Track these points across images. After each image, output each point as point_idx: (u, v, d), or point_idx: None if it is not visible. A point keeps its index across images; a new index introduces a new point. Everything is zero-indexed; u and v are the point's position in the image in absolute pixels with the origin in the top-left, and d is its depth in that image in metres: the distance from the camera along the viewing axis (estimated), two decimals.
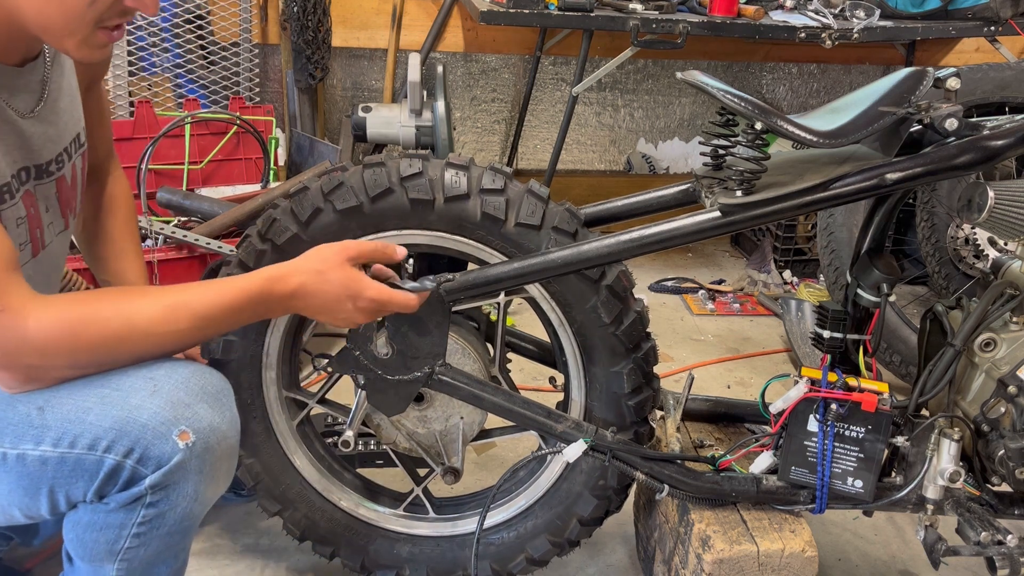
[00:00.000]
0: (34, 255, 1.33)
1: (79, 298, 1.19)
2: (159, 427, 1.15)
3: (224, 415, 1.22)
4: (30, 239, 1.31)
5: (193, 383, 1.21)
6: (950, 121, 1.32)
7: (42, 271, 1.38)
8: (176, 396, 1.18)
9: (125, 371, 1.19)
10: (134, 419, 1.14)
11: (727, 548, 1.43)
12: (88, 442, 1.14)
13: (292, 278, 1.26)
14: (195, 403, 1.19)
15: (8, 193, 1.23)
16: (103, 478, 1.15)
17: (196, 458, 1.17)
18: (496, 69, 3.69)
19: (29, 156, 1.29)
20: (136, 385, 1.18)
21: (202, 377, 1.23)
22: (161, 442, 1.14)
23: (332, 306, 1.27)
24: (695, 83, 1.41)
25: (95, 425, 1.14)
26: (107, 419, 1.14)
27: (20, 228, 1.27)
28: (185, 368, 1.22)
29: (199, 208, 2.50)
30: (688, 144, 4.02)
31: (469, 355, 1.56)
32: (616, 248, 1.39)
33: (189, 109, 3.04)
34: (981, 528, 1.44)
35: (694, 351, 2.89)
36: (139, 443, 1.14)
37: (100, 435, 1.14)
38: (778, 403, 1.46)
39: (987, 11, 3.00)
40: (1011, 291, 1.48)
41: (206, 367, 1.27)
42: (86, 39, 1.16)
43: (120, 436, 1.14)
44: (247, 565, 1.83)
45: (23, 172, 1.27)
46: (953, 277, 2.58)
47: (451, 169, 1.43)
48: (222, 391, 1.25)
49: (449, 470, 1.61)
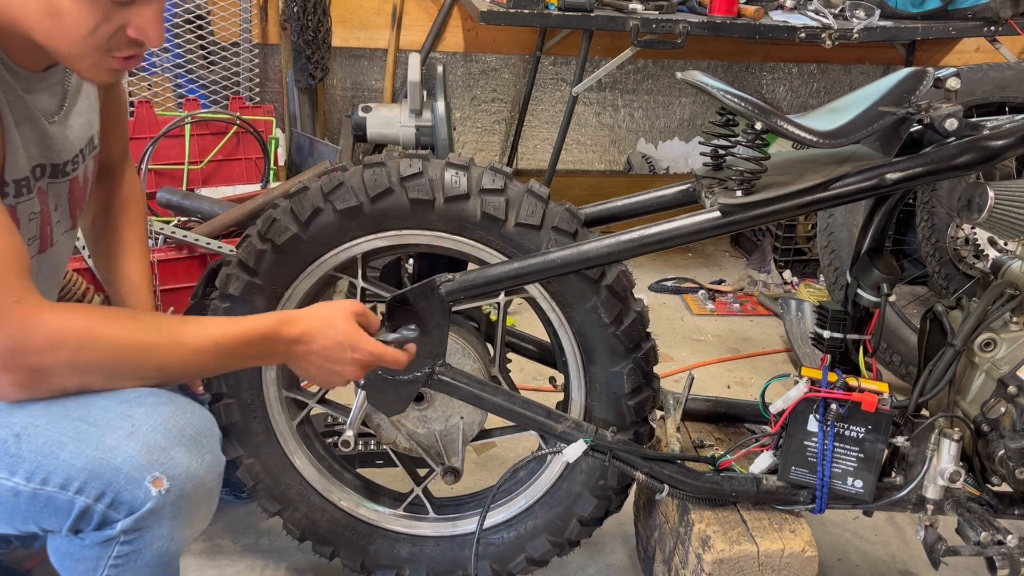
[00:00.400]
0: (41, 251, 1.33)
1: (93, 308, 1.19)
2: (132, 472, 1.11)
3: (203, 459, 1.18)
4: (40, 235, 1.31)
5: (172, 424, 1.16)
6: (950, 121, 1.32)
7: (47, 269, 1.38)
8: (153, 439, 1.14)
9: (106, 404, 1.16)
10: (108, 461, 1.11)
11: (727, 548, 1.43)
12: (60, 481, 1.11)
13: (301, 322, 1.28)
14: (172, 447, 1.15)
15: (26, 187, 1.24)
16: (75, 518, 1.13)
17: (170, 505, 1.14)
18: (496, 69, 3.69)
19: (48, 155, 1.29)
20: (114, 423, 1.14)
21: (183, 418, 1.19)
22: (134, 488, 1.12)
23: (332, 353, 1.29)
24: (695, 83, 1.41)
25: (68, 464, 1.11)
26: (81, 458, 1.11)
27: (32, 223, 1.28)
28: (167, 406, 1.18)
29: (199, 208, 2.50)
30: (688, 144, 4.02)
31: (469, 355, 1.56)
32: (616, 248, 1.39)
33: (189, 109, 3.05)
34: (981, 528, 1.44)
35: (694, 351, 2.89)
36: (111, 487, 1.11)
37: (72, 475, 1.11)
38: (778, 403, 1.46)
39: (987, 11, 3.00)
40: (1011, 291, 1.48)
41: (190, 405, 1.22)
42: (95, 64, 1.17)
43: (92, 478, 1.11)
44: (247, 565, 1.83)
45: (38, 168, 1.28)
46: (953, 277, 2.58)
47: (451, 169, 1.43)
48: (203, 432, 1.21)
49: (449, 470, 1.61)
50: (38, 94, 1.25)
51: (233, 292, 1.48)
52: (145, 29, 1.15)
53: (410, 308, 1.43)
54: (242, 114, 3.03)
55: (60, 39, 1.14)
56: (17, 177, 1.22)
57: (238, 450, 1.60)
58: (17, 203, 1.22)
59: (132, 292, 1.62)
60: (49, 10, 1.10)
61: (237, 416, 1.57)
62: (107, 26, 1.13)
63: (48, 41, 1.14)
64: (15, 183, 1.22)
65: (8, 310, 1.07)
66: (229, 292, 1.48)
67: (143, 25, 1.15)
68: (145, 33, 1.16)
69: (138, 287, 1.62)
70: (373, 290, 1.53)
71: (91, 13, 1.10)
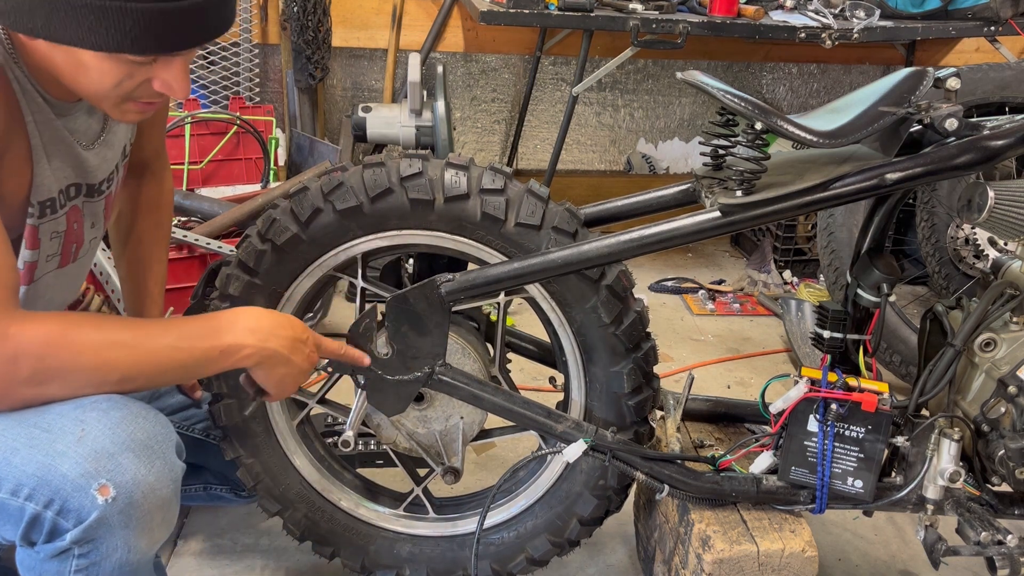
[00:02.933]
0: (61, 266, 1.33)
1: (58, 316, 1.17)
2: (78, 479, 1.10)
3: (153, 465, 1.16)
4: (60, 251, 1.31)
5: (122, 431, 1.14)
6: (950, 121, 1.32)
7: (66, 280, 1.39)
8: (101, 445, 1.12)
9: (61, 409, 1.14)
10: (55, 467, 1.10)
11: (727, 548, 1.43)
12: (11, 487, 1.11)
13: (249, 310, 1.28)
14: (120, 453, 1.13)
15: (51, 208, 1.24)
16: (26, 525, 1.12)
17: (119, 513, 1.12)
18: (496, 69, 3.69)
19: (83, 176, 1.30)
20: (65, 428, 1.13)
21: (133, 423, 1.16)
22: (80, 495, 1.10)
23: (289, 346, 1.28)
24: (695, 83, 1.41)
25: (19, 469, 1.11)
26: (31, 464, 1.10)
27: (53, 241, 1.28)
28: (118, 411, 1.16)
29: (199, 208, 2.50)
30: (688, 144, 4.02)
31: (469, 355, 1.56)
32: (616, 248, 1.39)
33: (189, 109, 3.05)
34: (981, 528, 1.44)
35: (694, 351, 2.89)
36: (59, 494, 1.10)
37: (23, 481, 1.10)
38: (778, 403, 1.46)
39: (987, 11, 3.00)
40: (1011, 291, 1.48)
41: (143, 411, 1.20)
42: (118, 106, 1.18)
43: (41, 485, 1.10)
44: (247, 565, 1.83)
45: (72, 188, 1.28)
46: (953, 277, 2.58)
47: (451, 169, 1.43)
48: (154, 438, 1.18)
49: (449, 470, 1.61)
50: (73, 117, 1.25)
51: (233, 292, 1.48)
52: (171, 83, 1.15)
53: (410, 308, 1.43)
54: (242, 114, 3.03)
55: (85, 88, 1.14)
56: (43, 198, 1.22)
57: (238, 450, 1.60)
58: (40, 223, 1.23)
59: (144, 299, 1.62)
60: (73, 62, 1.10)
61: (237, 416, 1.57)
62: (131, 82, 1.14)
63: (74, 87, 1.15)
64: (40, 204, 1.22)
65: None
66: (229, 292, 1.48)
67: (168, 79, 1.15)
68: (171, 87, 1.16)
69: (151, 294, 1.62)
70: (373, 290, 1.53)
71: (114, 69, 1.10)
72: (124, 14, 1.02)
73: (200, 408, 1.71)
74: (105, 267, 2.18)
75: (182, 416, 1.70)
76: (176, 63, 1.14)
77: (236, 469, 1.62)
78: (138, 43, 1.05)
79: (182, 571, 1.80)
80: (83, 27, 1.02)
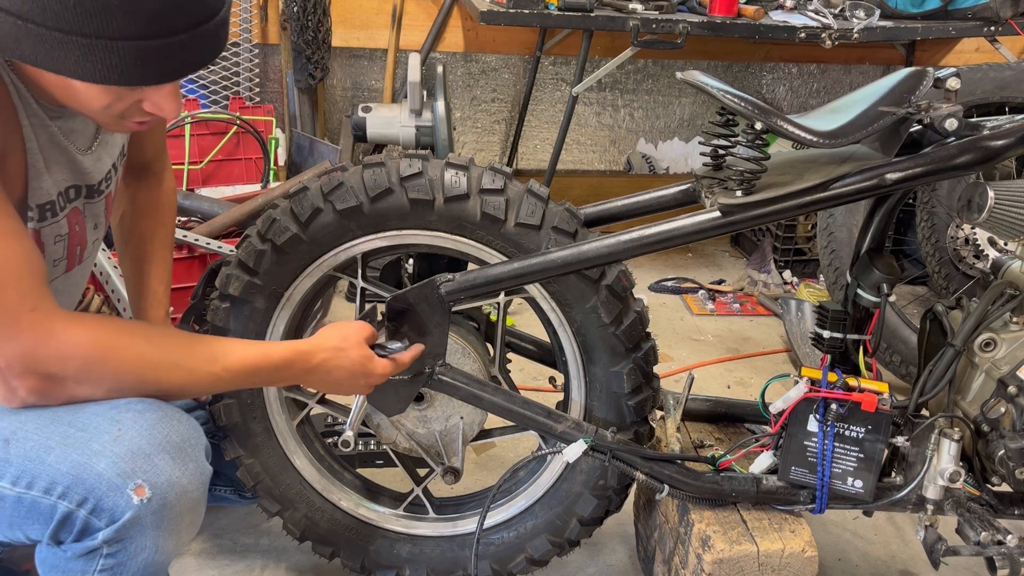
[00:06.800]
0: (68, 270, 1.34)
1: (109, 321, 1.19)
2: (114, 479, 1.11)
3: (187, 468, 1.17)
4: (66, 255, 1.31)
5: (158, 432, 1.15)
6: (950, 121, 1.32)
7: (72, 283, 1.39)
8: (137, 445, 1.13)
9: (96, 409, 1.16)
10: (91, 466, 1.11)
11: (727, 548, 1.43)
12: (45, 485, 1.11)
13: (315, 355, 1.32)
14: (156, 454, 1.14)
15: (51, 211, 1.24)
16: (56, 524, 1.12)
17: (152, 514, 1.13)
18: (496, 69, 3.69)
19: (81, 178, 1.30)
20: (101, 427, 1.14)
21: (168, 425, 1.17)
22: (115, 495, 1.11)
23: (345, 381, 1.36)
24: (695, 83, 1.40)
25: (53, 468, 1.11)
26: (66, 463, 1.11)
27: (58, 245, 1.28)
28: (154, 413, 1.17)
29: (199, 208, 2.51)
30: (688, 144, 4.02)
31: (469, 355, 1.56)
32: (616, 248, 1.39)
33: (189, 109, 3.05)
34: (981, 528, 1.44)
35: (694, 351, 2.89)
36: (93, 493, 1.11)
37: (57, 479, 1.11)
38: (778, 403, 1.46)
39: (987, 11, 3.00)
40: (1011, 291, 1.48)
41: (177, 413, 1.21)
42: (111, 123, 1.18)
43: (75, 483, 1.11)
44: (247, 565, 1.83)
45: (71, 190, 1.28)
46: (953, 277, 2.58)
47: (451, 169, 1.43)
48: (188, 441, 1.19)
49: (449, 470, 1.61)
50: (69, 119, 1.25)
51: (233, 292, 1.48)
52: (161, 105, 1.15)
53: (410, 308, 1.43)
54: (242, 114, 3.03)
55: (76, 106, 1.15)
56: (41, 201, 1.22)
57: (238, 450, 1.60)
58: (41, 227, 1.23)
59: (148, 298, 1.62)
60: (63, 84, 1.10)
61: (237, 416, 1.57)
62: (121, 104, 1.14)
63: (65, 103, 1.15)
64: (39, 207, 1.22)
65: (24, 318, 1.09)
66: (229, 292, 1.48)
67: (159, 101, 1.15)
68: (161, 108, 1.16)
69: (155, 293, 1.62)
70: (373, 290, 1.53)
71: (103, 94, 1.10)
72: (109, 51, 1.02)
73: (205, 409, 1.71)
74: (105, 267, 2.18)
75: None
76: (166, 86, 1.14)
77: (236, 469, 1.62)
78: (124, 76, 1.05)
79: (182, 571, 1.80)
80: (69, 60, 1.02)
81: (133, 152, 1.52)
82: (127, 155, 1.51)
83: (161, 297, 1.63)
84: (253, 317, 1.50)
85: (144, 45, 1.03)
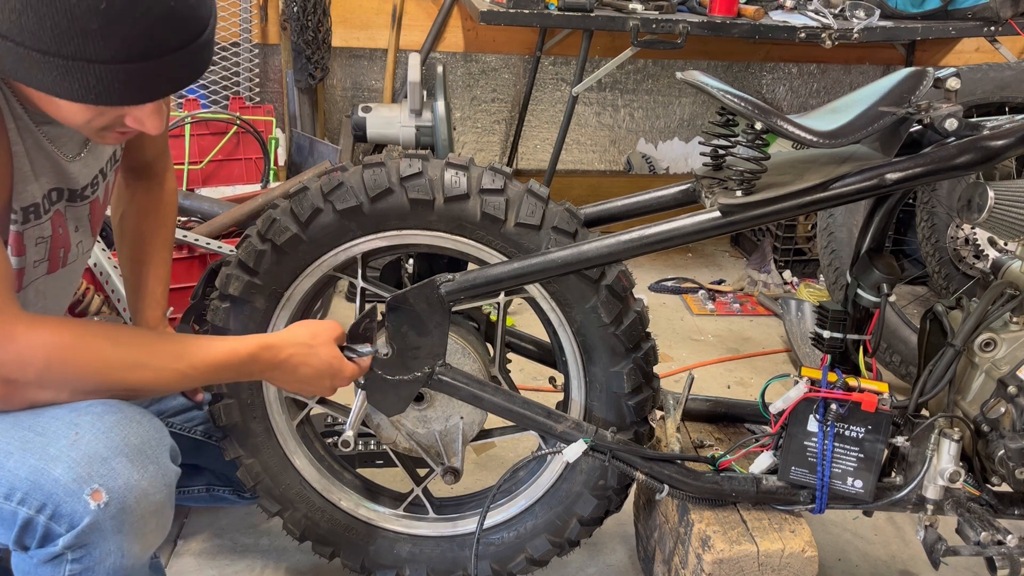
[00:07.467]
0: (50, 272, 1.33)
1: (72, 324, 1.18)
2: (71, 484, 1.10)
3: (146, 470, 1.15)
4: (48, 257, 1.31)
5: (115, 435, 1.14)
6: (950, 121, 1.32)
7: (57, 286, 1.39)
8: (94, 449, 1.11)
9: (56, 412, 1.14)
10: (48, 472, 1.10)
11: (727, 548, 1.43)
12: (5, 491, 1.10)
13: (283, 349, 1.31)
14: (113, 458, 1.12)
15: (35, 213, 1.24)
16: (19, 530, 1.11)
17: (111, 519, 1.11)
18: (496, 69, 3.69)
19: (64, 182, 1.30)
20: (59, 432, 1.13)
21: (127, 428, 1.16)
22: (72, 500, 1.10)
23: (311, 379, 1.35)
24: (695, 83, 1.40)
25: (12, 473, 1.10)
26: (24, 468, 1.10)
27: (39, 247, 1.28)
28: (112, 415, 1.16)
29: (199, 208, 2.51)
30: (688, 144, 4.02)
31: (469, 355, 1.56)
32: (616, 248, 1.38)
33: (189, 109, 3.05)
34: (981, 528, 1.44)
35: (694, 351, 2.89)
36: (51, 499, 1.10)
37: (16, 485, 1.10)
38: (778, 403, 1.46)
39: (987, 11, 3.00)
40: (1011, 291, 1.48)
41: (138, 415, 1.20)
42: (94, 135, 1.18)
43: (34, 489, 1.10)
44: (247, 565, 1.83)
45: (54, 192, 1.28)
46: (953, 277, 2.58)
47: (451, 169, 1.43)
48: (148, 443, 1.18)
49: (449, 470, 1.61)
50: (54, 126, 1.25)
51: (233, 292, 1.48)
52: (143, 120, 1.15)
53: (410, 308, 1.43)
54: (242, 114, 3.03)
55: (58, 118, 1.14)
56: (26, 204, 1.22)
57: (238, 450, 1.60)
58: (24, 229, 1.22)
59: (146, 298, 1.62)
60: (45, 98, 1.09)
61: (237, 416, 1.57)
62: (102, 119, 1.13)
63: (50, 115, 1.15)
64: (23, 210, 1.22)
65: None
66: (229, 292, 1.48)
67: (141, 117, 1.15)
68: (143, 123, 1.15)
69: (153, 294, 1.62)
70: (373, 290, 1.53)
71: (84, 111, 1.10)
72: (87, 72, 1.02)
73: (201, 410, 1.71)
74: (105, 267, 2.18)
75: (184, 418, 1.70)
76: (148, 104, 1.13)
77: (236, 469, 1.62)
78: (102, 97, 1.05)
79: (182, 571, 1.80)
80: (48, 79, 1.02)
81: (134, 152, 1.52)
82: (127, 155, 1.51)
83: (159, 298, 1.63)
84: (253, 317, 1.50)
85: (123, 68, 1.03)
